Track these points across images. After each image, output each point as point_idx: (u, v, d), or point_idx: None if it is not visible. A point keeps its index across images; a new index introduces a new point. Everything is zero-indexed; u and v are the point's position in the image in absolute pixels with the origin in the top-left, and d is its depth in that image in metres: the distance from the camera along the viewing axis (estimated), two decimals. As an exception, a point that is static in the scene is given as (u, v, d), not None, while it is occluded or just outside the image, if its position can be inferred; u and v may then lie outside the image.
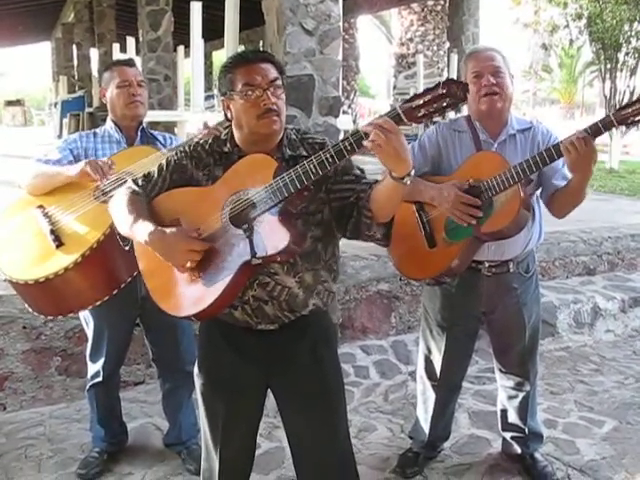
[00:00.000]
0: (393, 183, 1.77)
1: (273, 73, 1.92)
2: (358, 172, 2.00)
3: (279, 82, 1.93)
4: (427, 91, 1.70)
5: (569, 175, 2.49)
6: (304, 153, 1.98)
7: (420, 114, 1.70)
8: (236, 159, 1.96)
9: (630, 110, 2.21)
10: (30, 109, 30.95)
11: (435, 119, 1.75)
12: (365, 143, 1.72)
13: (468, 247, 2.59)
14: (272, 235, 1.82)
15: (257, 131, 1.92)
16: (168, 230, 1.88)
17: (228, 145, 2.00)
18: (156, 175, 2.05)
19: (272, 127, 1.91)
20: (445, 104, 1.68)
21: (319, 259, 2.01)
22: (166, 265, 1.90)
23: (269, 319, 2.00)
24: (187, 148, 2.05)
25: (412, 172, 1.76)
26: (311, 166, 1.79)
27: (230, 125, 2.02)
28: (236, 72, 1.91)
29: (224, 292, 1.85)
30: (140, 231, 1.91)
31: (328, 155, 1.78)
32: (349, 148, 1.76)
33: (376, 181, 1.94)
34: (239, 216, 1.87)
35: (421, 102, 1.69)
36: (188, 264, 1.85)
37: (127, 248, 2.12)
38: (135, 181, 2.08)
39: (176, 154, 2.06)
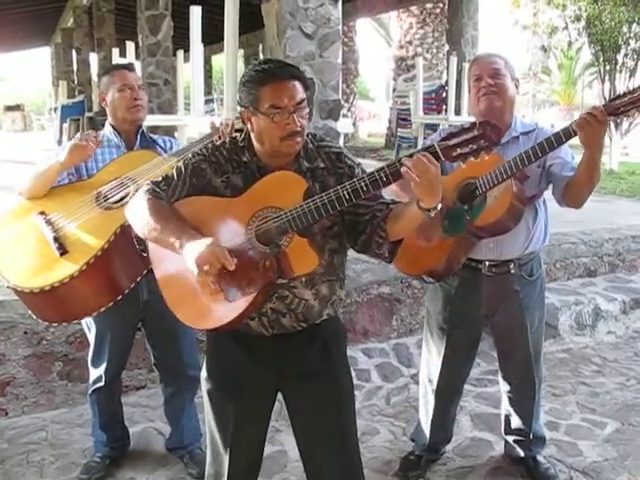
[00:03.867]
0: (417, 211, 1.81)
1: (300, 93, 1.88)
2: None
3: (305, 103, 1.90)
4: (463, 130, 1.75)
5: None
6: (321, 165, 1.99)
7: (455, 154, 1.75)
8: (255, 169, 1.95)
9: (619, 102, 2.24)
10: (30, 114, 30.93)
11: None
12: (403, 170, 1.75)
13: (462, 243, 2.60)
14: (301, 257, 1.83)
15: (279, 150, 1.91)
16: (200, 236, 1.84)
17: (247, 154, 1.98)
18: (176, 178, 2.00)
19: (295, 147, 1.91)
20: (479, 146, 1.72)
21: (334, 270, 2.03)
22: (185, 274, 1.86)
23: (284, 329, 2.00)
24: (205, 151, 2.01)
25: (439, 206, 1.80)
26: (345, 193, 1.80)
27: (247, 132, 1.99)
28: (262, 89, 1.86)
29: (245, 309, 1.85)
30: (171, 238, 1.85)
31: (363, 184, 1.80)
32: (385, 179, 1.80)
33: (393, 201, 1.96)
34: (266, 234, 1.86)
35: (457, 141, 1.74)
36: (211, 279, 1.79)
37: (144, 255, 2.09)
38: (156, 183, 2.02)
39: (194, 157, 2.01)
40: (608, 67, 12.04)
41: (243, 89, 1.91)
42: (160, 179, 2.04)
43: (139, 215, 1.97)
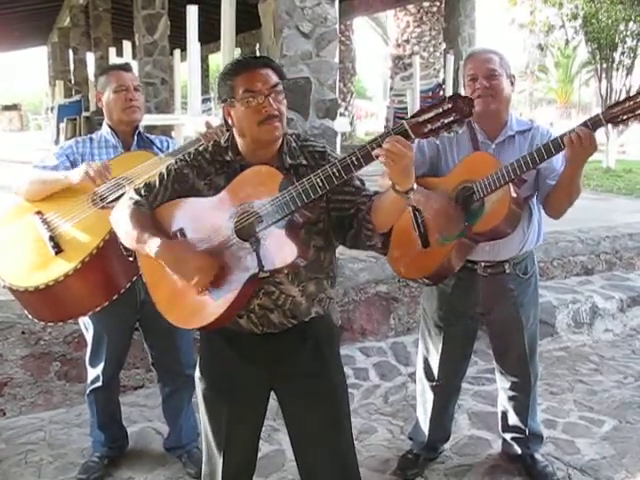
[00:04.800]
0: (396, 196, 1.81)
1: (274, 78, 1.91)
2: (358, 184, 2.00)
3: (280, 87, 1.92)
4: (433, 106, 1.71)
5: None
6: (304, 162, 1.98)
7: (426, 130, 1.72)
8: (238, 168, 1.95)
9: (618, 109, 2.23)
10: (27, 114, 30.92)
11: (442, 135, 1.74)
12: (376, 152, 1.73)
13: (460, 248, 2.60)
14: (279, 248, 1.82)
15: (259, 138, 1.92)
16: (177, 244, 1.89)
17: (230, 153, 2.00)
18: (157, 184, 2.03)
19: (274, 133, 1.91)
20: (451, 119, 1.69)
21: (321, 268, 2.02)
22: (171, 277, 1.91)
23: (274, 326, 2.01)
24: (188, 157, 2.04)
25: (415, 186, 1.79)
26: (318, 180, 1.80)
27: (230, 132, 2.01)
28: (236, 79, 1.90)
29: (232, 305, 1.86)
30: (147, 245, 1.90)
31: (335, 170, 1.79)
32: (356, 163, 1.78)
33: (376, 193, 1.95)
34: (245, 229, 1.87)
35: (427, 117, 1.71)
36: (196, 279, 1.84)
37: (131, 259, 2.11)
38: (137, 191, 2.06)
39: (176, 163, 2.04)
40: (605, 65, 12.05)
41: (220, 84, 1.95)
42: (142, 185, 2.07)
43: (121, 224, 2.01)
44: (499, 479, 3.00)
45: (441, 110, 1.69)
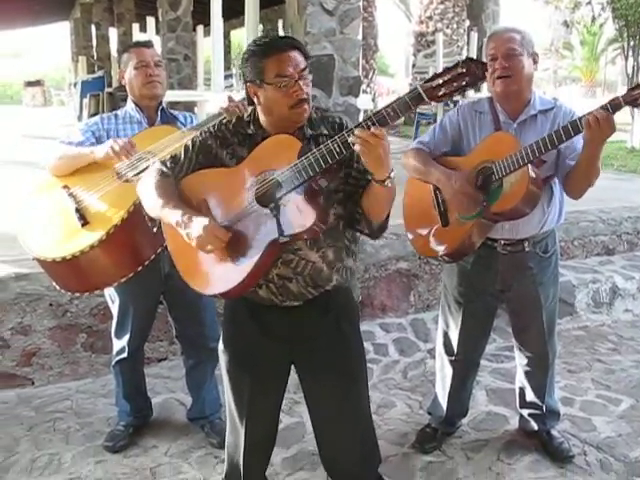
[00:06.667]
0: (376, 185, 1.86)
1: (302, 62, 1.94)
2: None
3: (307, 70, 1.95)
4: (447, 70, 1.73)
5: None
6: (325, 132, 2.02)
7: (440, 93, 1.73)
8: (260, 140, 1.99)
9: (639, 91, 2.23)
10: (50, 89, 31.03)
11: (455, 98, 1.77)
12: (350, 140, 1.78)
13: (479, 227, 2.63)
14: (298, 214, 1.86)
15: (289, 118, 1.95)
16: (195, 215, 1.91)
17: (252, 127, 2.03)
18: (183, 156, 2.08)
19: (303, 115, 1.96)
20: (465, 83, 1.71)
21: (340, 236, 2.05)
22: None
23: (293, 296, 2.04)
24: (212, 129, 2.08)
25: (392, 174, 1.84)
26: (335, 146, 1.83)
27: (253, 107, 2.05)
28: (266, 61, 1.91)
29: (252, 271, 1.90)
30: (169, 215, 1.95)
31: (352, 134, 1.81)
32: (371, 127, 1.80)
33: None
34: (265, 196, 1.91)
35: (441, 81, 1.73)
36: (209, 247, 1.88)
37: (155, 230, 2.15)
38: (163, 162, 2.11)
39: (201, 134, 2.09)
40: (632, 43, 11.83)
41: (247, 65, 1.97)
42: (168, 157, 2.12)
43: (146, 193, 2.06)
44: (515, 454, 3.04)
45: (455, 74, 1.72)
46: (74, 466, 2.93)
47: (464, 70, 1.71)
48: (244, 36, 6.22)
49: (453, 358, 3.03)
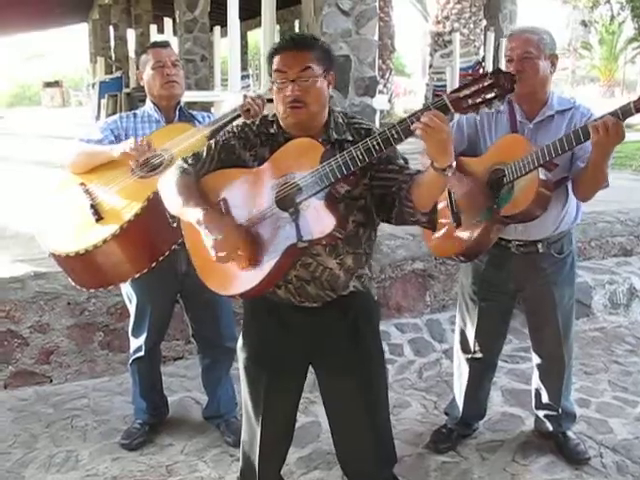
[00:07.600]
0: (434, 174, 1.79)
1: (305, 61, 1.90)
2: (402, 162, 2.00)
3: (311, 71, 1.91)
4: (474, 81, 1.70)
5: None
6: (350, 138, 1.99)
7: (467, 105, 1.71)
8: (282, 140, 1.99)
9: None
10: (68, 90, 31.31)
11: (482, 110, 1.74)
12: (414, 126, 1.72)
13: (491, 227, 2.63)
14: (318, 219, 1.85)
15: (284, 118, 1.96)
16: (219, 216, 1.92)
17: (274, 126, 2.03)
18: (205, 154, 2.08)
19: (297, 117, 1.93)
20: (492, 95, 1.68)
21: (360, 243, 2.04)
22: None
23: (312, 298, 2.04)
24: (235, 129, 2.08)
25: (454, 164, 1.78)
26: (358, 153, 1.81)
27: None
28: (274, 59, 1.94)
29: (270, 273, 1.90)
30: (190, 213, 1.95)
31: (375, 142, 1.79)
32: (396, 136, 1.78)
33: (418, 172, 1.95)
34: (285, 199, 1.91)
35: (468, 92, 1.70)
36: (222, 254, 1.87)
37: (174, 225, 2.17)
38: (185, 160, 2.11)
39: (224, 134, 2.09)
40: (651, 42, 11.76)
41: (267, 62, 1.99)
42: (190, 155, 2.12)
43: (167, 190, 2.07)
44: (531, 455, 3.03)
45: (482, 85, 1.68)
46: (91, 463, 2.96)
47: (492, 82, 1.68)
48: (261, 37, 6.25)
49: (469, 356, 3.03)
